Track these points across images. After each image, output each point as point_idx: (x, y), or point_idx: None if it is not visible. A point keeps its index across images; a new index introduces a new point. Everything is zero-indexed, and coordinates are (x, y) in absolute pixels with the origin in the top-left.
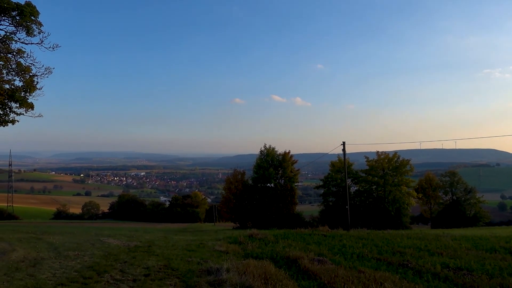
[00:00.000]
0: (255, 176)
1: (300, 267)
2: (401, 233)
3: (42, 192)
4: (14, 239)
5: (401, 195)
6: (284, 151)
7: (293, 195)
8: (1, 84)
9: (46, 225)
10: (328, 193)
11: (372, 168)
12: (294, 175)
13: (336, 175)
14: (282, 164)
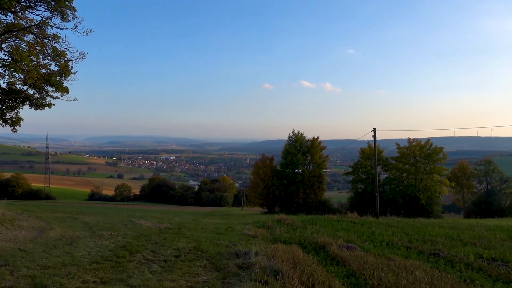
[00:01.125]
0: (283, 161)
1: (328, 253)
2: (432, 221)
3: (77, 174)
4: (51, 218)
5: (433, 183)
6: (313, 137)
7: (321, 181)
8: (38, 68)
9: (81, 205)
10: (357, 180)
11: (403, 155)
12: (323, 161)
13: (365, 162)
14: (311, 150)
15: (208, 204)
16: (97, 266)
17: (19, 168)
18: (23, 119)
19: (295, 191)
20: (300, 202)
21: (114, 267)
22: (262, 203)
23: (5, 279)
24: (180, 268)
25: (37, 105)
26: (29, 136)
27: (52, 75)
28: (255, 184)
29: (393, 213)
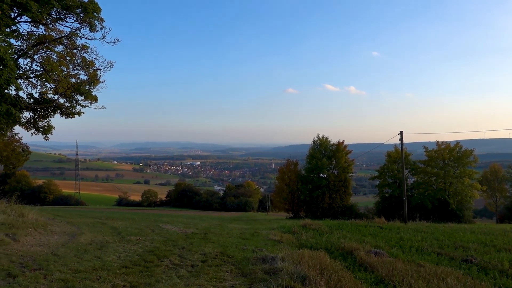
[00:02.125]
0: (308, 166)
1: (356, 258)
2: (463, 227)
3: (105, 180)
4: (82, 223)
5: (463, 187)
6: (338, 141)
7: (347, 186)
8: (68, 78)
9: (110, 211)
10: (384, 185)
11: (432, 158)
12: (348, 166)
13: (392, 165)
14: (336, 154)
15: (233, 209)
16: (126, 271)
17: (51, 175)
18: (54, 127)
19: (321, 196)
20: (325, 207)
21: (142, 271)
22: (287, 208)
23: (39, 283)
24: (207, 273)
25: (67, 113)
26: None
27: (81, 84)
28: (280, 189)
29: (422, 218)
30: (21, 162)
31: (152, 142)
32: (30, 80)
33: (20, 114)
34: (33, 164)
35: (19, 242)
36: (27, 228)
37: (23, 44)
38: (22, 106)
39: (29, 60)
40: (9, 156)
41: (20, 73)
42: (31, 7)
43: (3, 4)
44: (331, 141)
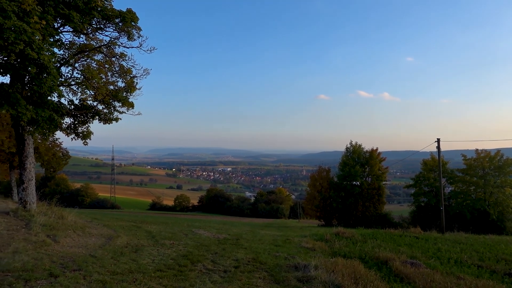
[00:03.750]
0: (341, 173)
1: (391, 269)
2: (505, 239)
3: (139, 184)
4: (118, 226)
5: (505, 197)
6: (371, 148)
7: (380, 194)
8: (107, 85)
9: (143, 215)
10: (420, 193)
11: (470, 167)
12: (382, 173)
13: (428, 174)
14: (369, 162)
15: (264, 215)
16: (161, 274)
17: (88, 179)
18: (93, 133)
19: (353, 204)
20: (358, 215)
21: (176, 275)
22: (319, 215)
23: (79, 283)
24: (240, 279)
25: (105, 119)
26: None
27: (119, 91)
28: (312, 196)
29: (460, 229)
30: (61, 166)
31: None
32: (71, 87)
33: (62, 120)
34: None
35: (59, 243)
36: (67, 230)
37: (65, 53)
38: (64, 112)
39: (70, 68)
40: (50, 160)
41: (62, 80)
42: (73, 18)
43: (47, 15)
44: (365, 148)
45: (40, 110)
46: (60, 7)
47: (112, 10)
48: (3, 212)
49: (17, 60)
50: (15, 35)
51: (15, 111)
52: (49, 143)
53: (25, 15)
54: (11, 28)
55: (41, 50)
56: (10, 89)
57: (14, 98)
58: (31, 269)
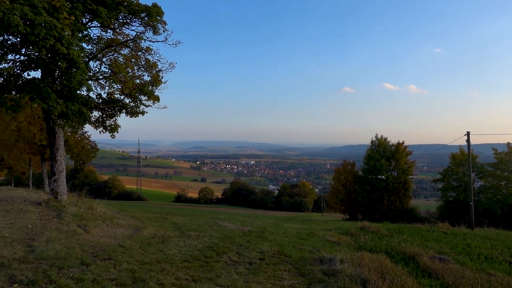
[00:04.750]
0: (366, 167)
1: (419, 264)
2: None
3: (165, 177)
4: (145, 217)
5: None
6: (398, 142)
7: (406, 188)
8: (133, 79)
9: (169, 206)
10: (448, 188)
11: (502, 161)
12: (408, 167)
13: (457, 168)
14: (395, 156)
15: (287, 208)
16: (188, 265)
17: (115, 171)
18: (120, 126)
19: (379, 198)
20: (384, 210)
21: (202, 266)
22: (343, 209)
23: (110, 272)
24: (265, 271)
25: (132, 113)
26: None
27: (145, 85)
28: (336, 189)
29: (490, 225)
30: (89, 159)
31: (209, 141)
32: (99, 81)
33: (90, 113)
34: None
35: (90, 233)
36: (96, 220)
37: (93, 47)
38: (92, 105)
39: (98, 63)
40: (79, 152)
41: (90, 75)
42: (101, 13)
43: (76, 11)
44: (390, 141)
45: (70, 103)
46: (88, 3)
47: (138, 4)
48: (36, 203)
49: (48, 55)
50: (45, 31)
51: (46, 105)
52: (78, 136)
53: (55, 11)
54: (42, 24)
55: (71, 45)
56: (41, 83)
57: (45, 92)
58: (64, 257)
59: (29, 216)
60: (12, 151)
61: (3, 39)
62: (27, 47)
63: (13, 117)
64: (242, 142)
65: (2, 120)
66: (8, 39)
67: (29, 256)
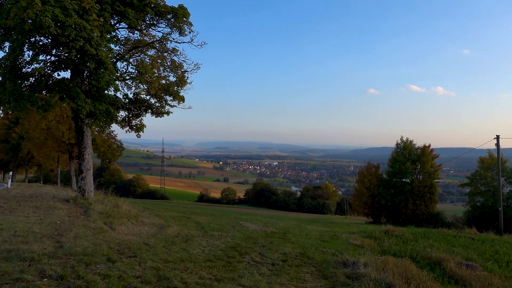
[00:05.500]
0: (390, 170)
1: (445, 270)
2: None
3: (188, 176)
4: (168, 216)
5: None
6: (424, 145)
7: (432, 192)
8: (159, 79)
9: (192, 206)
10: (476, 193)
11: None
12: (435, 171)
13: (485, 172)
14: (421, 159)
15: (310, 210)
16: (211, 264)
17: (139, 170)
18: (146, 126)
19: (403, 202)
20: (408, 214)
21: (225, 266)
22: (366, 212)
23: (135, 269)
24: (288, 273)
25: (157, 113)
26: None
27: (170, 85)
28: (360, 192)
29: None
30: (115, 158)
31: (232, 142)
32: (126, 82)
33: (117, 113)
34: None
35: (115, 231)
36: (122, 218)
37: (121, 48)
38: (119, 105)
39: (125, 63)
40: (106, 151)
41: (117, 75)
42: (128, 14)
43: (105, 13)
44: (416, 144)
45: (97, 103)
46: (116, 4)
47: (165, 6)
48: (64, 200)
49: (77, 56)
50: (75, 32)
51: (75, 104)
52: (105, 135)
53: (84, 13)
54: (72, 25)
55: (99, 46)
56: (70, 83)
57: (74, 92)
58: (91, 253)
59: (58, 213)
60: (41, 149)
61: (35, 40)
62: (57, 48)
63: (43, 116)
64: (265, 143)
65: (33, 119)
66: (40, 40)
67: (58, 252)
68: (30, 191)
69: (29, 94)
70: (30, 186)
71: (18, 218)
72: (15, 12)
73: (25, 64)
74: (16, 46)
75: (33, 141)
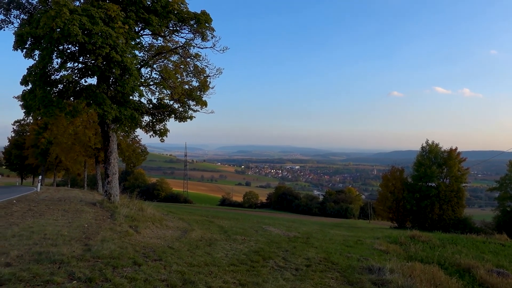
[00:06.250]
0: (415, 174)
1: (475, 277)
2: None
3: (210, 180)
4: (192, 220)
5: None
6: (450, 148)
7: (459, 197)
8: (182, 85)
9: (214, 210)
10: (506, 197)
11: None
12: (462, 175)
13: None
14: (448, 162)
15: (332, 215)
16: (235, 268)
17: (162, 174)
18: (169, 130)
19: (429, 206)
20: (435, 219)
21: (249, 270)
22: (391, 217)
23: (160, 273)
24: (312, 278)
25: (180, 117)
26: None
27: (193, 90)
28: (384, 196)
29: None
30: (140, 162)
31: (254, 146)
32: (150, 87)
33: (141, 118)
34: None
35: (140, 234)
36: (146, 222)
37: (145, 55)
38: (143, 110)
39: (149, 69)
40: (130, 156)
41: (142, 81)
42: (152, 21)
43: (129, 20)
44: (442, 147)
45: (123, 109)
46: (140, 12)
47: (188, 12)
48: (91, 203)
49: (103, 63)
50: (102, 40)
51: (102, 110)
52: (129, 140)
53: (110, 21)
54: (99, 33)
55: (124, 52)
56: (97, 89)
57: (100, 98)
58: (117, 256)
59: (85, 216)
60: (69, 154)
61: (63, 48)
62: (84, 55)
63: (71, 122)
64: (286, 147)
65: (61, 125)
66: (68, 48)
67: (86, 255)
68: (59, 194)
69: (58, 100)
70: (58, 189)
71: (47, 221)
72: (44, 21)
73: (53, 71)
74: (46, 54)
75: (61, 146)
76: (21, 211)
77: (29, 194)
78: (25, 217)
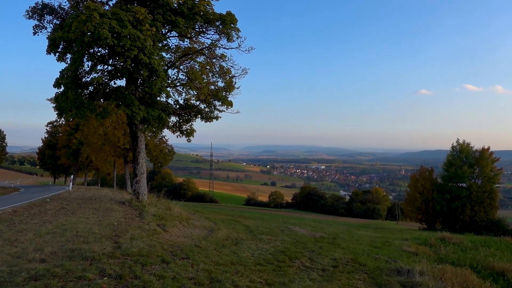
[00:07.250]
0: (446, 174)
1: (510, 281)
2: None
3: (235, 180)
4: (218, 219)
5: None
6: (482, 147)
7: (492, 198)
8: (208, 85)
9: (240, 209)
10: None
11: None
12: (495, 175)
13: None
14: (479, 162)
15: (359, 215)
16: (261, 268)
17: (189, 174)
18: (196, 131)
19: (460, 208)
20: (466, 220)
21: (275, 270)
22: (420, 218)
23: (188, 271)
24: (339, 279)
25: (207, 118)
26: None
27: (219, 91)
28: (412, 197)
29: None
30: (167, 162)
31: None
32: (176, 88)
33: (168, 119)
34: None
35: (168, 233)
36: (174, 221)
37: (172, 56)
38: (170, 111)
39: (176, 71)
40: (158, 156)
41: (169, 82)
42: (179, 23)
43: (157, 22)
44: (473, 147)
45: (150, 109)
46: (167, 14)
47: (213, 13)
48: (120, 202)
49: (132, 65)
50: (130, 42)
51: (130, 111)
52: (157, 140)
53: (138, 24)
54: (127, 36)
55: (152, 54)
56: (125, 91)
57: (129, 99)
58: (146, 254)
59: (115, 215)
60: (99, 154)
61: (93, 51)
62: (114, 58)
63: (101, 123)
64: (312, 147)
65: (92, 126)
66: (98, 51)
67: (116, 252)
68: (89, 193)
69: (89, 102)
70: (89, 189)
71: (79, 219)
72: (76, 25)
73: (84, 74)
74: (77, 57)
75: (91, 146)
76: (54, 209)
77: (62, 193)
78: (58, 215)
